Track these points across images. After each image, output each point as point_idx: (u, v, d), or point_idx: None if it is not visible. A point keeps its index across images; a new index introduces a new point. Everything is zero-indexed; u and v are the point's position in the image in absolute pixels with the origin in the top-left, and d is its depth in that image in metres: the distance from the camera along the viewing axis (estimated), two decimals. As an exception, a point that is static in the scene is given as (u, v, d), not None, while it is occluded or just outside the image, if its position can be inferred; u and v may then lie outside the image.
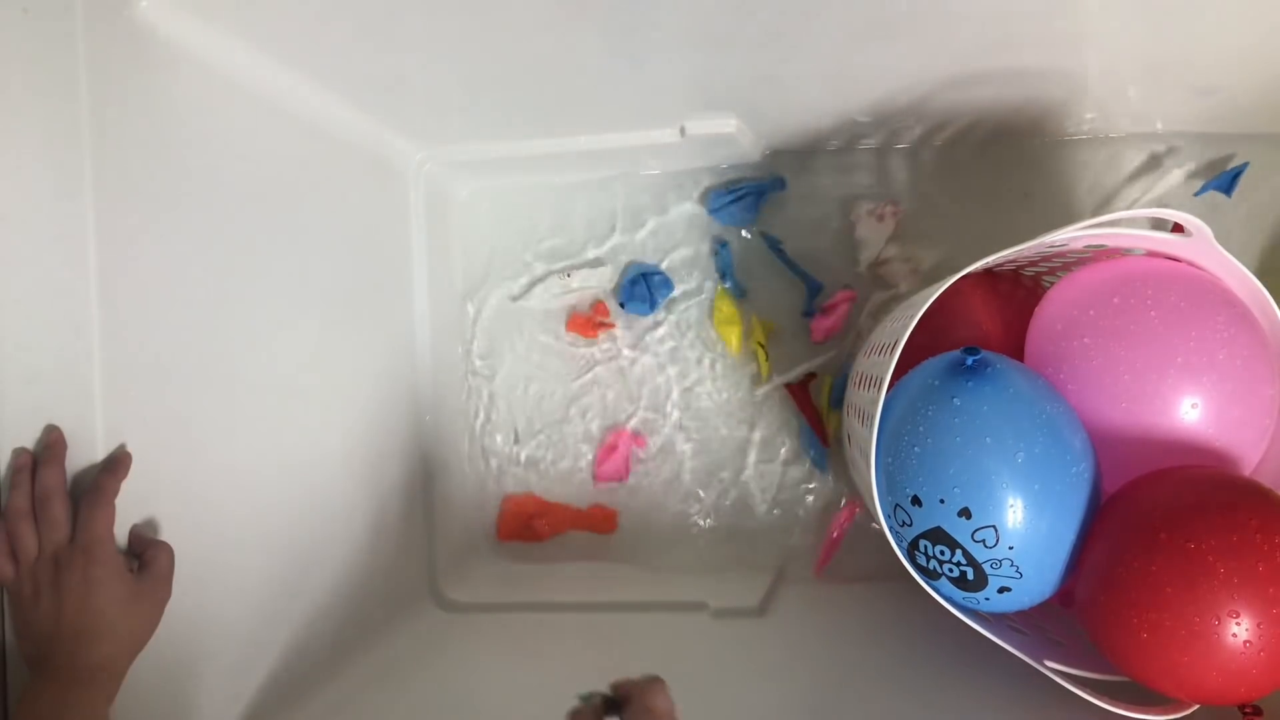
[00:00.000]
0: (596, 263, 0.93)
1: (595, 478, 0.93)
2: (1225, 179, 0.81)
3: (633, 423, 0.93)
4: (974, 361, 0.58)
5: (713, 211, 0.92)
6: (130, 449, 0.53)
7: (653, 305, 0.92)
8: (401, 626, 0.81)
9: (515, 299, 0.95)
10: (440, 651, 0.79)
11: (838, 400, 0.87)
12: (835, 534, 0.87)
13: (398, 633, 0.80)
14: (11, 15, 0.49)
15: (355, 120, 0.78)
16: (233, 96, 0.64)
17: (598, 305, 0.93)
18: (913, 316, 0.59)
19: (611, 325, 0.93)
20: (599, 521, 0.93)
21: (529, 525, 0.94)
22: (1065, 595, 0.62)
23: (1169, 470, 0.58)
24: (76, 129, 0.50)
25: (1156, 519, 0.53)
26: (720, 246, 0.92)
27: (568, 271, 0.93)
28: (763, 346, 0.89)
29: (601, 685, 0.50)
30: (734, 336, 0.91)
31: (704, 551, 0.91)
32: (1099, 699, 0.55)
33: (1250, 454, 0.60)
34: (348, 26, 0.62)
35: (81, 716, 0.47)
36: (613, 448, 0.92)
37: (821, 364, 0.89)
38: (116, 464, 0.52)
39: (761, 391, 0.90)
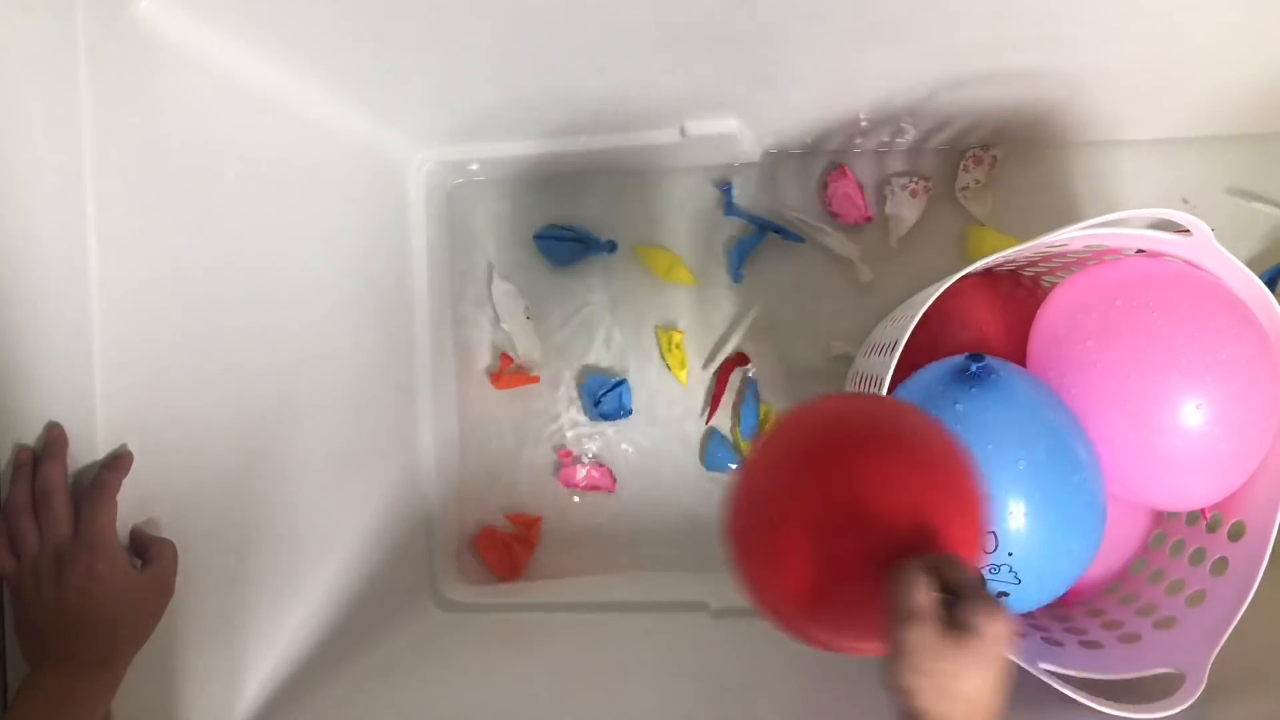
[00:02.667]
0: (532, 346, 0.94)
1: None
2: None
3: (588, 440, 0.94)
4: (978, 368, 0.58)
5: (537, 237, 0.93)
6: (130, 448, 0.53)
7: (627, 411, 0.92)
8: (401, 626, 0.81)
9: (490, 284, 0.95)
10: (440, 651, 0.79)
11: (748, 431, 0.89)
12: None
13: (398, 633, 0.80)
14: (12, 14, 0.49)
15: (356, 119, 0.78)
16: (233, 96, 0.64)
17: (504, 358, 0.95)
18: (913, 317, 0.59)
19: (535, 379, 0.94)
20: (531, 528, 0.94)
21: (509, 551, 0.93)
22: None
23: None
24: (77, 129, 0.50)
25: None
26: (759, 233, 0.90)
27: (529, 314, 0.94)
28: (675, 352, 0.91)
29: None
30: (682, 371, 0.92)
31: (704, 551, 0.91)
32: (1093, 700, 0.55)
33: (1254, 453, 0.60)
34: (348, 26, 0.62)
35: (83, 709, 0.47)
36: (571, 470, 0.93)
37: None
38: (118, 461, 0.52)
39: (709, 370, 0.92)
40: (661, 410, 0.94)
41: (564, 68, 0.70)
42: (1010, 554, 0.55)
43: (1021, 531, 0.55)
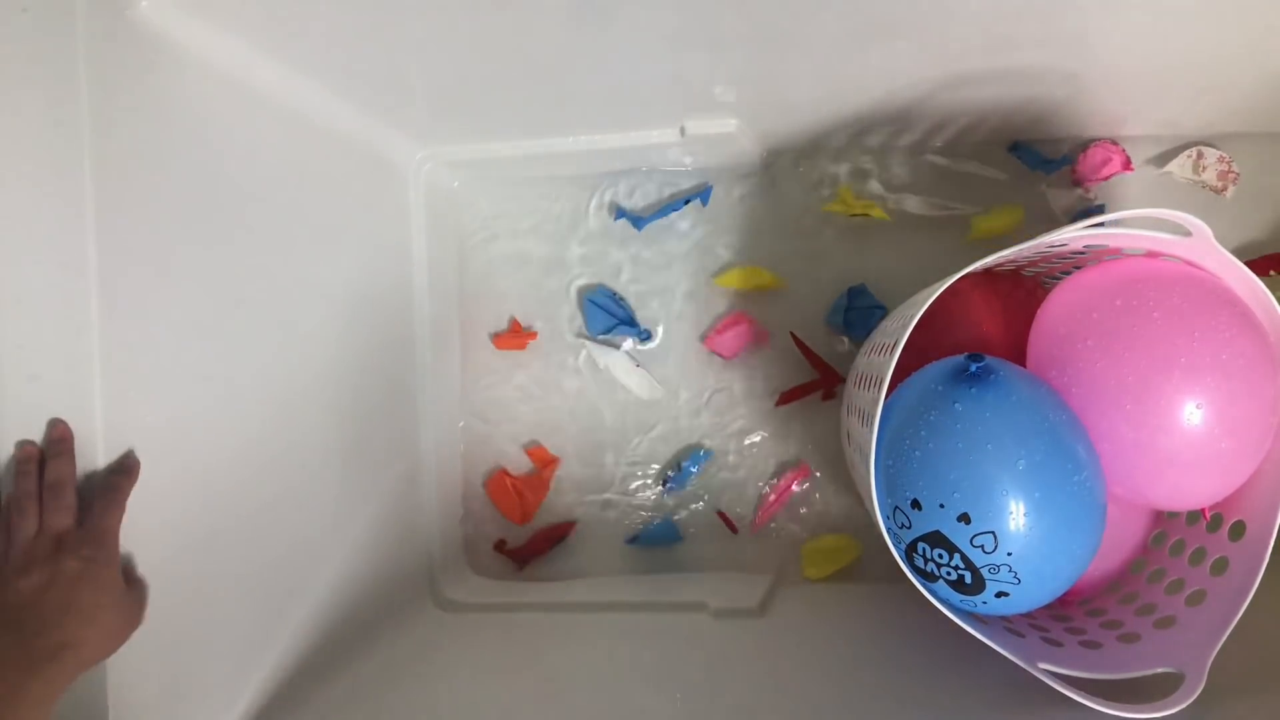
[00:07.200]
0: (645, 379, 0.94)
1: (704, 339, 0.93)
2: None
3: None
4: (978, 368, 0.58)
5: (588, 298, 0.93)
6: (131, 448, 0.53)
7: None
8: (401, 626, 0.81)
9: (580, 335, 0.96)
10: (440, 651, 0.79)
11: None
12: (773, 497, 0.90)
13: (398, 633, 0.80)
14: (11, 15, 0.49)
15: (356, 120, 0.78)
16: (233, 96, 0.64)
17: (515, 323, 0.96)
18: (913, 317, 0.59)
19: (533, 335, 0.96)
20: (547, 463, 0.95)
21: (521, 498, 0.94)
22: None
23: None
24: (76, 129, 0.50)
25: None
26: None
27: (637, 361, 0.94)
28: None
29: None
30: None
31: (703, 551, 0.91)
32: (1092, 700, 0.55)
33: (1255, 453, 0.60)
34: (348, 26, 0.62)
35: (27, 704, 0.44)
36: (736, 322, 0.91)
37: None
38: (129, 468, 0.53)
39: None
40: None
41: (564, 68, 0.70)
42: (1010, 554, 0.55)
43: (1021, 531, 0.55)
